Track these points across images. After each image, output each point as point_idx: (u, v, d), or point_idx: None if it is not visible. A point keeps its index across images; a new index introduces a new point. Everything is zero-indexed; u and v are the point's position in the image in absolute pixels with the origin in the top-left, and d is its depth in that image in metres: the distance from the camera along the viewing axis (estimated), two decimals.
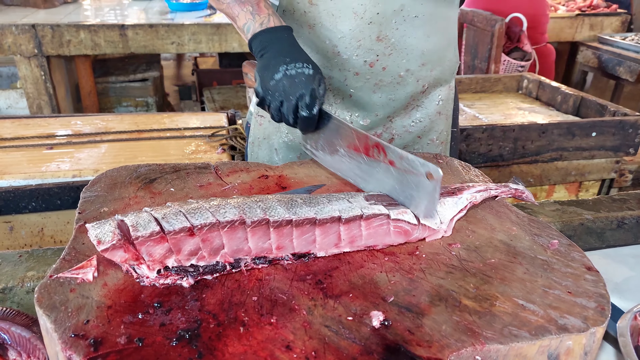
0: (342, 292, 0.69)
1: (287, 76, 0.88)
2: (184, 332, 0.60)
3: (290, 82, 0.88)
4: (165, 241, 0.67)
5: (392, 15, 1.05)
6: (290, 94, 0.87)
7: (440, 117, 1.24)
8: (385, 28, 1.06)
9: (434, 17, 1.10)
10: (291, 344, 0.59)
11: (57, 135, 2.09)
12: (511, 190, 0.92)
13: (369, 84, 1.13)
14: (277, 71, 0.89)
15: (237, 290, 0.67)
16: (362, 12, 1.04)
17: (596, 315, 0.66)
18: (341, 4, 1.04)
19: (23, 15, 3.63)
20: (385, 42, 1.08)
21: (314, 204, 0.77)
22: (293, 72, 0.88)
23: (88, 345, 0.56)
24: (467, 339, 0.62)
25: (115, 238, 0.67)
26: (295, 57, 0.91)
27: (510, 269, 0.75)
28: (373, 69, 1.11)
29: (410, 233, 0.79)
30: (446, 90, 1.23)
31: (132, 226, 0.67)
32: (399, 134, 1.22)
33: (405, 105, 1.19)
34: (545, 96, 2.75)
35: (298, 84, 0.87)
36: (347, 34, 1.07)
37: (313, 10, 1.07)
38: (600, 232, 1.08)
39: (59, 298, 0.63)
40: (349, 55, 1.09)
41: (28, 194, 1.65)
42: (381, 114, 1.18)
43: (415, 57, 1.12)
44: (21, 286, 0.80)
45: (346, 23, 1.06)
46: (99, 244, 0.67)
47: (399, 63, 1.11)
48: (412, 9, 1.06)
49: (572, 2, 4.91)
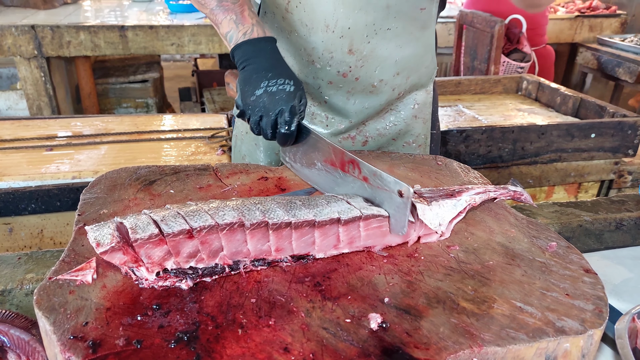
0: (340, 294, 0.69)
1: (268, 92, 0.88)
2: (182, 334, 0.60)
3: (271, 99, 0.88)
4: (164, 243, 0.67)
5: (363, 30, 1.05)
6: (270, 110, 0.88)
7: (417, 120, 1.24)
8: (357, 42, 1.06)
9: (408, 28, 1.09)
10: (289, 346, 0.59)
11: (57, 136, 2.09)
12: (510, 192, 0.92)
13: (342, 91, 1.14)
14: (258, 87, 0.89)
15: (235, 292, 0.68)
16: (333, 26, 1.04)
17: (594, 318, 0.66)
18: (313, 15, 1.04)
19: (23, 16, 3.63)
20: (357, 55, 1.08)
21: (313, 205, 0.77)
22: (274, 89, 0.88)
23: (87, 347, 0.56)
24: (464, 341, 0.62)
25: (114, 240, 0.67)
26: (277, 72, 0.91)
27: (508, 271, 0.75)
28: (346, 79, 1.11)
29: (409, 233, 0.79)
30: (423, 94, 1.23)
31: (131, 228, 0.68)
32: (372, 137, 1.22)
33: (380, 110, 1.19)
34: (544, 97, 2.76)
35: (278, 100, 0.88)
36: (320, 46, 1.07)
37: (289, 18, 1.07)
38: (598, 234, 1.08)
39: (58, 300, 0.63)
40: (322, 65, 1.09)
41: (28, 195, 1.65)
42: (355, 120, 1.18)
43: (389, 67, 1.12)
44: (20, 288, 0.80)
45: (318, 35, 1.06)
46: (98, 246, 0.67)
47: (372, 74, 1.11)
48: (384, 22, 1.05)
49: (571, 3, 4.91)
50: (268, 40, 0.96)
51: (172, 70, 6.20)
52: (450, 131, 1.98)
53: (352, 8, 1.02)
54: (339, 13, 1.02)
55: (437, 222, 0.80)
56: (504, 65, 3.27)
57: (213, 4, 0.99)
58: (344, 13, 1.02)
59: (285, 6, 1.06)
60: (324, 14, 1.03)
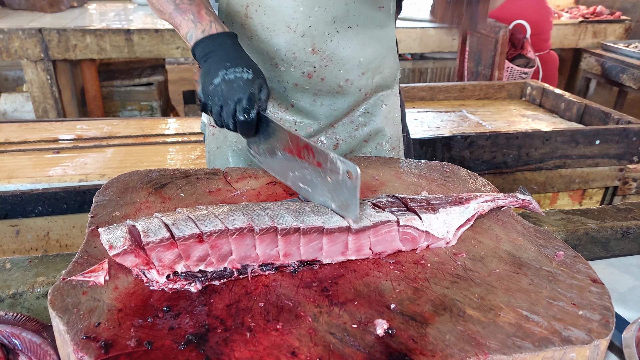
0: (347, 299, 0.69)
1: (226, 81, 0.89)
2: (192, 336, 0.60)
3: (229, 87, 0.88)
4: (175, 247, 0.68)
5: (324, 28, 1.06)
6: (228, 99, 0.88)
7: (387, 121, 1.24)
8: (319, 40, 1.07)
9: (368, 27, 1.10)
10: (296, 350, 0.60)
11: (64, 139, 2.11)
12: (518, 200, 0.92)
13: (309, 94, 1.14)
14: (216, 76, 0.89)
15: (244, 295, 0.68)
16: (294, 26, 1.05)
17: (600, 328, 0.66)
18: (274, 17, 1.05)
19: (30, 20, 3.65)
20: (320, 54, 1.08)
21: (322, 212, 0.78)
22: (232, 77, 0.89)
23: (99, 348, 0.57)
24: (470, 349, 0.62)
25: (126, 243, 0.68)
26: (235, 62, 0.91)
27: (515, 280, 0.75)
28: (311, 80, 1.12)
29: (418, 240, 0.80)
30: (389, 95, 1.23)
31: (143, 232, 0.68)
32: (343, 139, 1.21)
33: (347, 112, 1.19)
34: (548, 103, 2.76)
35: (236, 88, 0.88)
36: (282, 47, 1.07)
37: (249, 23, 1.07)
38: (605, 242, 1.08)
39: (71, 300, 0.64)
40: (286, 67, 1.10)
41: (35, 198, 1.66)
42: (324, 122, 1.18)
43: (353, 67, 1.12)
44: (31, 291, 0.81)
45: (281, 36, 1.06)
46: (111, 248, 0.68)
47: (337, 74, 1.12)
48: (344, 20, 1.06)
49: (575, 9, 4.92)
50: (227, 35, 0.97)
51: (176, 73, 6.22)
52: (454, 137, 1.99)
53: (312, 6, 1.03)
54: (299, 12, 1.03)
55: (444, 230, 0.80)
56: (508, 71, 3.28)
57: (170, 7, 1.00)
58: (304, 12, 1.03)
59: (244, 12, 1.07)
60: (285, 14, 1.04)
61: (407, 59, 4.41)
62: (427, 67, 4.46)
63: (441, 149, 1.98)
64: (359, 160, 1.12)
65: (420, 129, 2.35)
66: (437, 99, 2.81)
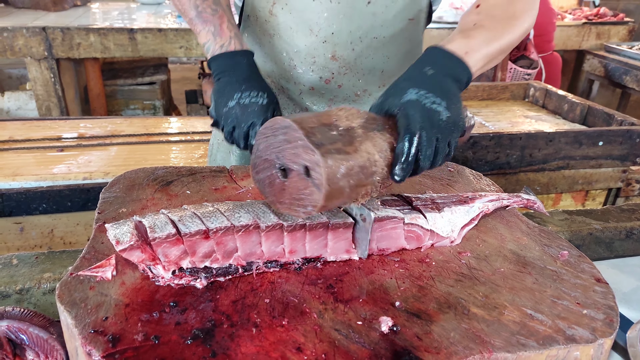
0: (352, 296, 0.69)
1: (240, 105, 0.88)
2: (198, 331, 0.61)
3: (243, 111, 0.88)
4: (181, 243, 0.69)
5: (347, 36, 1.04)
6: (242, 122, 0.88)
7: None
8: (340, 48, 1.05)
9: (396, 39, 1.07)
10: (302, 346, 0.60)
11: (68, 137, 2.12)
12: (523, 200, 0.92)
13: (324, 99, 1.12)
14: (231, 98, 0.89)
15: (249, 292, 0.69)
16: (317, 30, 1.03)
17: (604, 327, 0.67)
18: (299, 19, 1.04)
19: (34, 18, 3.67)
20: (340, 62, 1.07)
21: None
22: (247, 102, 0.88)
23: (107, 342, 0.58)
24: (475, 347, 0.62)
25: (133, 239, 0.68)
26: (250, 85, 0.90)
27: (519, 279, 0.75)
28: (328, 86, 1.10)
29: (423, 238, 0.80)
30: None
31: (149, 227, 0.69)
32: None
33: None
34: (551, 104, 2.76)
35: (250, 113, 0.88)
36: (303, 49, 1.06)
37: (272, 21, 1.06)
38: (608, 242, 1.08)
39: (79, 295, 0.64)
40: (305, 70, 1.08)
41: (39, 195, 1.67)
42: None
43: (374, 79, 1.10)
44: (38, 287, 0.81)
45: (302, 38, 1.05)
46: (118, 244, 0.69)
47: (355, 83, 1.10)
48: (370, 30, 1.04)
49: (579, 10, 4.91)
50: (244, 54, 0.96)
51: (178, 73, 6.24)
52: None
53: (337, 13, 1.01)
54: (323, 18, 1.02)
55: (449, 229, 0.80)
56: (511, 72, 3.28)
57: (192, 13, 0.99)
58: (328, 18, 1.02)
59: (269, 8, 1.05)
60: (309, 18, 1.03)
61: None
62: None
63: None
64: None
65: None
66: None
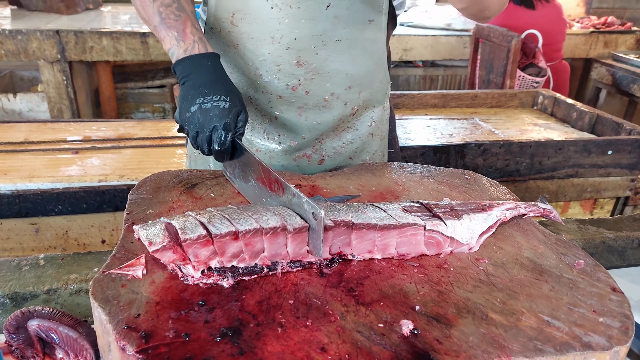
0: (373, 300, 0.71)
1: (202, 109, 0.89)
2: (226, 329, 0.63)
3: (204, 116, 0.89)
4: (211, 244, 0.71)
5: (310, 41, 1.03)
6: (204, 127, 0.89)
7: (374, 138, 1.22)
8: (305, 53, 1.04)
9: (358, 40, 1.07)
10: (326, 346, 0.62)
11: (82, 140, 2.15)
12: (540, 209, 0.94)
13: (293, 107, 1.12)
14: (193, 103, 0.90)
15: (274, 293, 0.71)
16: (279, 38, 1.03)
17: (620, 335, 0.68)
18: (259, 28, 1.03)
19: (47, 21, 3.72)
20: (305, 67, 1.06)
21: (352, 210, 0.80)
22: (208, 106, 0.89)
23: (140, 337, 0.60)
24: (493, 351, 0.64)
25: (165, 240, 0.71)
26: (213, 89, 0.91)
27: (536, 286, 0.77)
28: (296, 93, 1.09)
29: (442, 245, 0.82)
30: (379, 111, 1.21)
31: (180, 229, 0.71)
32: (329, 155, 1.19)
33: (335, 127, 1.16)
34: (560, 113, 2.77)
35: (212, 117, 0.88)
36: (267, 58, 1.06)
37: (235, 31, 1.06)
38: (621, 251, 1.10)
39: (111, 292, 0.67)
40: (271, 78, 1.08)
41: (55, 197, 1.70)
42: (308, 136, 1.15)
43: (340, 81, 1.10)
44: (65, 288, 0.84)
45: (265, 47, 1.05)
46: (150, 244, 0.71)
47: (323, 87, 1.09)
48: (332, 33, 1.04)
49: (586, 19, 4.93)
50: (209, 57, 0.95)
51: None
52: (468, 144, 2.01)
53: (298, 18, 1.01)
54: (285, 24, 1.01)
55: (468, 236, 0.82)
56: (520, 80, 3.29)
57: (156, 20, 0.99)
58: (290, 24, 1.01)
59: (230, 19, 1.05)
60: (270, 25, 1.02)
61: (419, 66, 4.44)
62: (438, 75, 4.48)
63: (455, 156, 2.00)
64: (378, 165, 1.14)
65: (433, 135, 2.37)
66: (450, 106, 2.83)
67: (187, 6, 1.01)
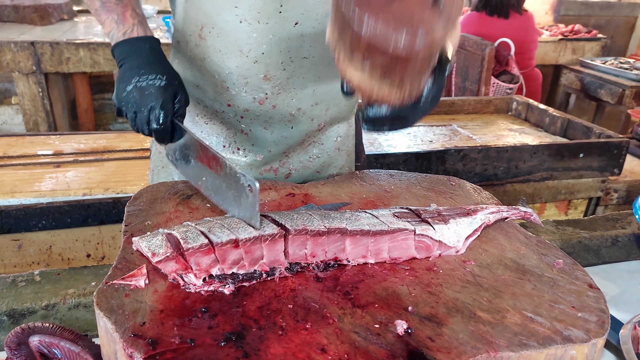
0: (368, 302, 0.75)
1: (138, 88, 0.88)
2: (229, 334, 0.65)
3: (141, 94, 0.88)
4: (212, 252, 0.73)
5: (278, 56, 1.04)
6: (141, 106, 0.88)
7: (340, 153, 1.23)
8: (272, 68, 1.05)
9: (325, 58, 1.07)
10: (326, 347, 0.65)
11: (63, 153, 2.13)
12: (521, 212, 0.99)
13: (260, 120, 1.12)
14: (129, 83, 0.89)
15: (273, 298, 0.74)
16: (247, 51, 1.03)
17: (597, 328, 0.73)
18: (227, 41, 1.03)
19: (20, 32, 3.65)
20: (272, 82, 1.06)
21: (345, 218, 0.84)
22: (144, 84, 0.88)
23: (147, 344, 0.62)
24: (482, 347, 0.68)
25: (168, 250, 0.73)
26: (150, 69, 0.90)
27: (519, 285, 0.81)
28: (262, 107, 1.10)
29: (431, 248, 0.86)
30: (345, 126, 1.22)
31: (182, 239, 0.74)
32: (296, 169, 1.20)
33: (301, 141, 1.17)
34: (533, 118, 2.87)
35: (148, 95, 0.88)
36: (234, 71, 1.06)
37: (203, 45, 1.06)
38: (596, 249, 1.16)
39: (115, 302, 0.68)
40: (238, 91, 1.08)
41: (39, 212, 1.68)
42: (275, 150, 1.16)
43: (307, 97, 1.10)
44: (63, 303, 0.84)
45: (233, 60, 1.04)
46: (153, 256, 0.73)
47: (289, 102, 1.10)
48: (300, 50, 1.04)
49: (555, 27, 5.13)
50: (147, 40, 0.96)
51: None
52: (448, 150, 2.07)
53: (266, 33, 1.01)
54: (253, 38, 1.01)
55: (455, 239, 0.86)
56: (494, 86, 3.40)
57: (97, 4, 0.99)
58: (258, 38, 1.01)
59: (198, 32, 1.05)
60: (238, 39, 1.02)
61: None
62: None
63: (436, 162, 2.06)
64: (368, 173, 1.17)
65: (414, 142, 2.43)
66: (428, 114, 2.90)
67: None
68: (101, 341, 0.69)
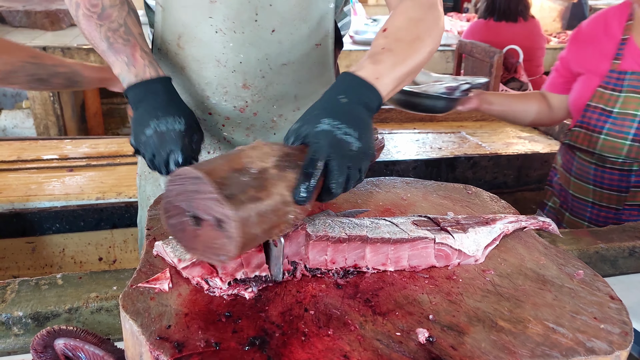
0: (388, 310, 0.75)
1: (158, 132, 0.89)
2: (254, 339, 0.66)
3: (160, 139, 0.89)
4: (238, 256, 0.74)
5: (256, 64, 1.03)
6: (161, 149, 0.89)
7: None
8: (251, 76, 1.05)
9: (305, 63, 1.07)
10: (348, 353, 0.65)
11: (76, 157, 2.14)
12: (539, 222, 0.99)
13: (241, 128, 1.12)
14: (148, 126, 0.89)
15: (295, 304, 0.74)
16: (224, 61, 1.03)
17: (620, 340, 0.72)
18: (204, 51, 1.03)
19: (31, 37, 3.69)
20: (252, 90, 1.06)
21: (365, 226, 0.85)
22: (163, 128, 0.89)
23: (173, 347, 0.62)
24: (504, 356, 0.68)
25: (194, 257, 0.74)
26: (167, 111, 0.90)
27: (540, 295, 0.81)
28: (243, 114, 1.10)
29: (451, 257, 0.86)
30: None
31: None
32: None
33: None
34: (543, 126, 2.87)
35: (168, 140, 0.89)
36: (213, 80, 1.06)
37: (181, 54, 1.06)
38: (613, 260, 1.15)
39: (141, 305, 0.69)
40: (218, 100, 1.08)
41: (53, 215, 1.70)
42: None
43: (288, 103, 1.10)
44: (86, 307, 0.85)
45: (211, 69, 1.05)
46: (180, 262, 0.74)
47: (270, 109, 1.10)
48: (278, 57, 1.04)
49: (563, 34, 5.13)
50: (160, 81, 0.95)
51: None
52: (458, 158, 2.07)
53: (243, 43, 1.01)
54: (229, 48, 1.01)
55: (474, 248, 0.86)
56: None
57: (104, 45, 0.97)
58: (234, 48, 1.01)
59: (176, 42, 1.05)
60: (214, 49, 1.02)
61: None
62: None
63: (445, 169, 2.06)
64: (383, 180, 1.18)
65: (423, 149, 2.43)
66: (437, 120, 2.90)
67: (134, 29, 0.99)
68: (126, 344, 0.69)
